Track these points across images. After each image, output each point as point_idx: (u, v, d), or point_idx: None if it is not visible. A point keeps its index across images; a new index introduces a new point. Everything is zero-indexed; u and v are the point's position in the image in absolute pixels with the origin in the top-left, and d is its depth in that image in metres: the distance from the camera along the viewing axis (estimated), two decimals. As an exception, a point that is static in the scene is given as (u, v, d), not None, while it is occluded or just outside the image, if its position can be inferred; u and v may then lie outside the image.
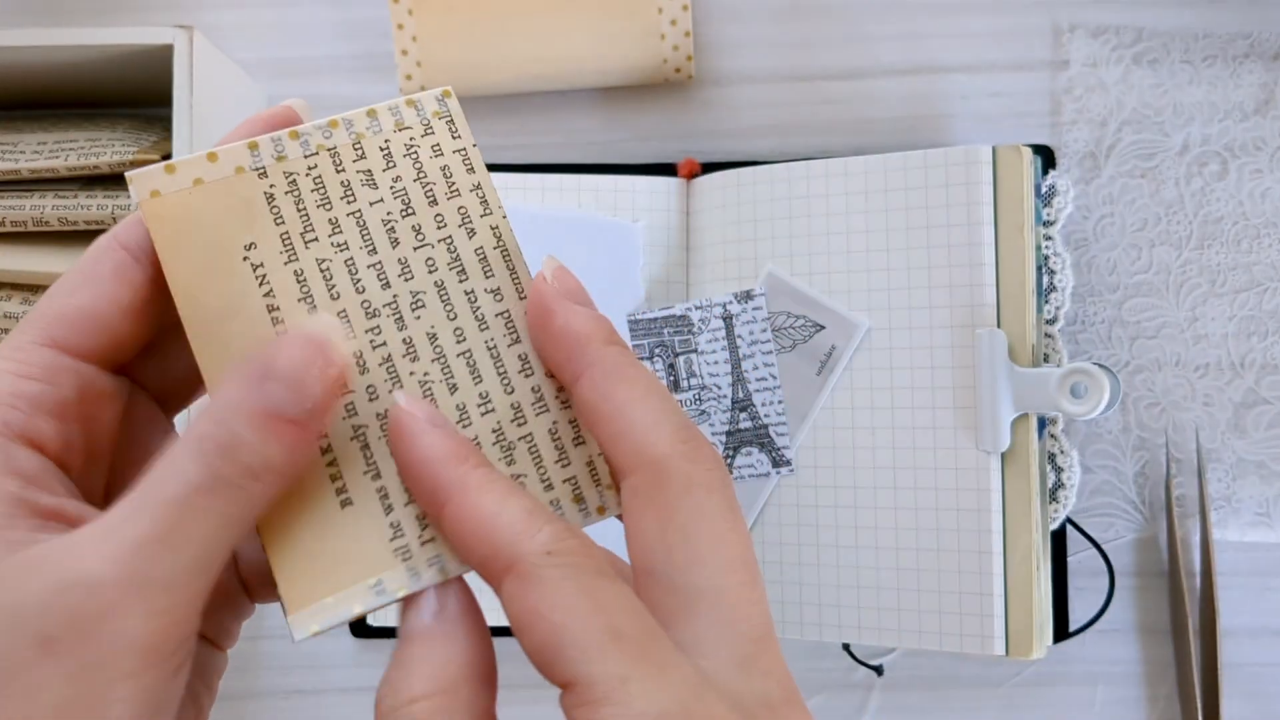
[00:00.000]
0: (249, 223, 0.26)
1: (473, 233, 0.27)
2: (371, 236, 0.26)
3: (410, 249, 0.27)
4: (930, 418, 0.49)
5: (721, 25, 0.58)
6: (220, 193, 0.26)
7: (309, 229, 0.26)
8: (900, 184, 0.50)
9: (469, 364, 0.27)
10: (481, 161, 0.27)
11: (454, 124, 0.27)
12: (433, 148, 0.27)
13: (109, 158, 0.50)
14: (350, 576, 0.25)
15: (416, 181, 0.27)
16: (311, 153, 0.26)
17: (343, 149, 0.26)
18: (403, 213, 0.26)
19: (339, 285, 0.26)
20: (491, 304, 0.27)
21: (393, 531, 0.25)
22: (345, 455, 0.26)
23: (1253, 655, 0.55)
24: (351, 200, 0.26)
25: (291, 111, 0.28)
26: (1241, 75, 0.56)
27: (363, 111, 0.26)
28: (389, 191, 0.26)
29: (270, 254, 0.26)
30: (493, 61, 0.55)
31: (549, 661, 0.23)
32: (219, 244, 0.26)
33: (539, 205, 0.54)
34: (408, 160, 0.27)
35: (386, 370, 0.26)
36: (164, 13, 0.58)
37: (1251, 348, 0.55)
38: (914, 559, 0.49)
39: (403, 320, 0.26)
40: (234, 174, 0.26)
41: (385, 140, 0.26)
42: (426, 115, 0.26)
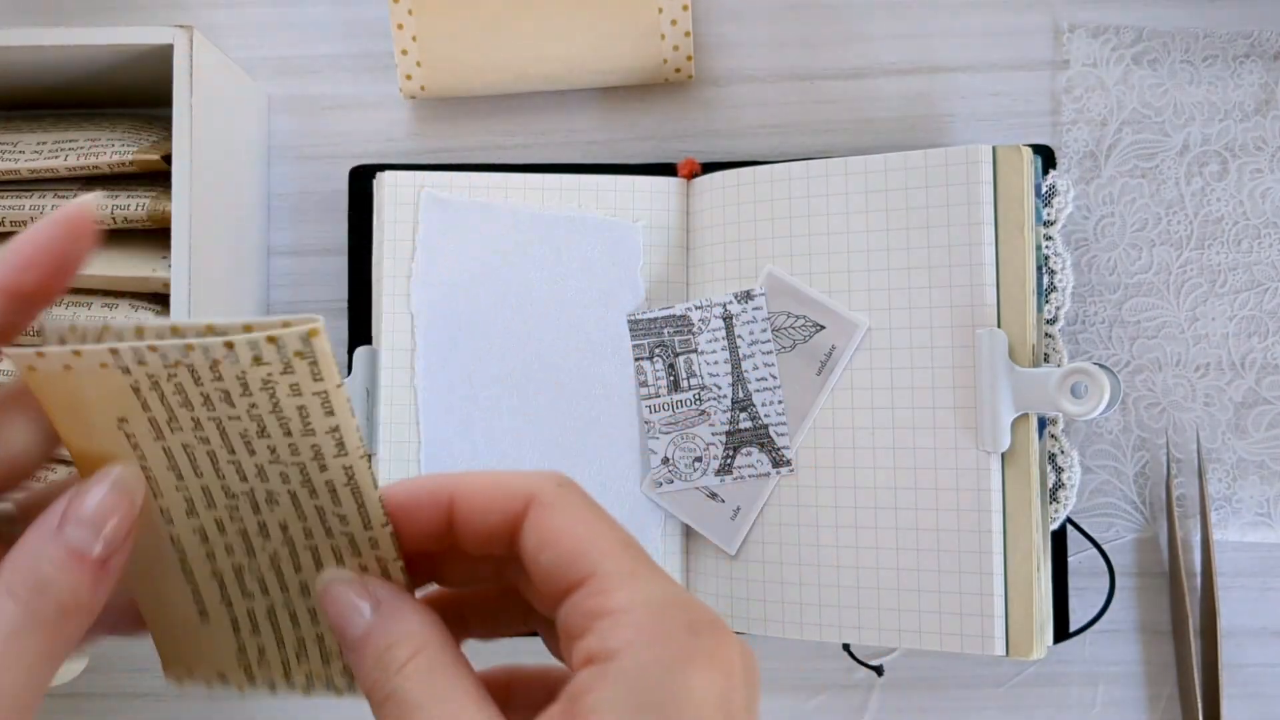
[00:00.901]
0: (119, 402, 0.27)
1: (324, 468, 0.27)
2: (230, 442, 0.27)
3: (266, 461, 0.27)
4: (930, 418, 0.49)
5: (721, 25, 0.58)
6: (90, 377, 0.26)
7: (174, 420, 0.27)
8: (900, 184, 0.50)
9: (314, 556, 0.28)
10: (345, 403, 0.26)
11: (316, 366, 0.25)
12: (291, 386, 0.26)
13: (109, 158, 0.50)
14: (207, 665, 0.30)
15: (272, 414, 0.26)
16: (170, 365, 0.26)
17: (200, 368, 0.26)
18: (258, 433, 0.26)
19: (202, 466, 0.27)
20: (338, 524, 0.28)
21: (240, 652, 0.30)
22: (205, 588, 0.29)
23: (1253, 656, 0.55)
24: (211, 409, 0.26)
25: (84, 217, 0.28)
26: (1242, 75, 0.56)
27: (220, 341, 0.25)
28: (245, 413, 0.26)
29: (140, 430, 0.27)
30: (493, 61, 0.55)
31: (570, 564, 0.27)
32: (97, 412, 0.27)
33: (539, 205, 0.54)
34: (264, 393, 0.26)
35: (242, 538, 0.29)
36: (164, 13, 0.58)
37: (1252, 348, 0.55)
38: (914, 559, 0.49)
39: (258, 507, 0.28)
40: (99, 368, 0.26)
41: (242, 371, 0.25)
42: (288, 354, 0.25)
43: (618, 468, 0.53)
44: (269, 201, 0.58)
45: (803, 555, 0.51)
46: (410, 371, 0.53)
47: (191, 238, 0.47)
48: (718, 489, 0.51)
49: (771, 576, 0.51)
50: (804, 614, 0.51)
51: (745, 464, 0.49)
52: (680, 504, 0.53)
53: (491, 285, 0.54)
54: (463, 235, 0.54)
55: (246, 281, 0.55)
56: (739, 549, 0.52)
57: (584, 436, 0.53)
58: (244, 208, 0.55)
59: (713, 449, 0.49)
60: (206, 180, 0.49)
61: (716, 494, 0.51)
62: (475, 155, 0.58)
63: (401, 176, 0.54)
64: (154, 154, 0.50)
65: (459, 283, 0.54)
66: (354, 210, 0.56)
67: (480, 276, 0.54)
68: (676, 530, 0.54)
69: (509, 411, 0.53)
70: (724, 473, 0.47)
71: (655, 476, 0.47)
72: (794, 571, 0.51)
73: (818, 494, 0.51)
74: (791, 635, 0.51)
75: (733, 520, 0.50)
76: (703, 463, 0.50)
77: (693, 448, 0.48)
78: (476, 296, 0.54)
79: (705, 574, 0.53)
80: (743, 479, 0.47)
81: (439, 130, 0.58)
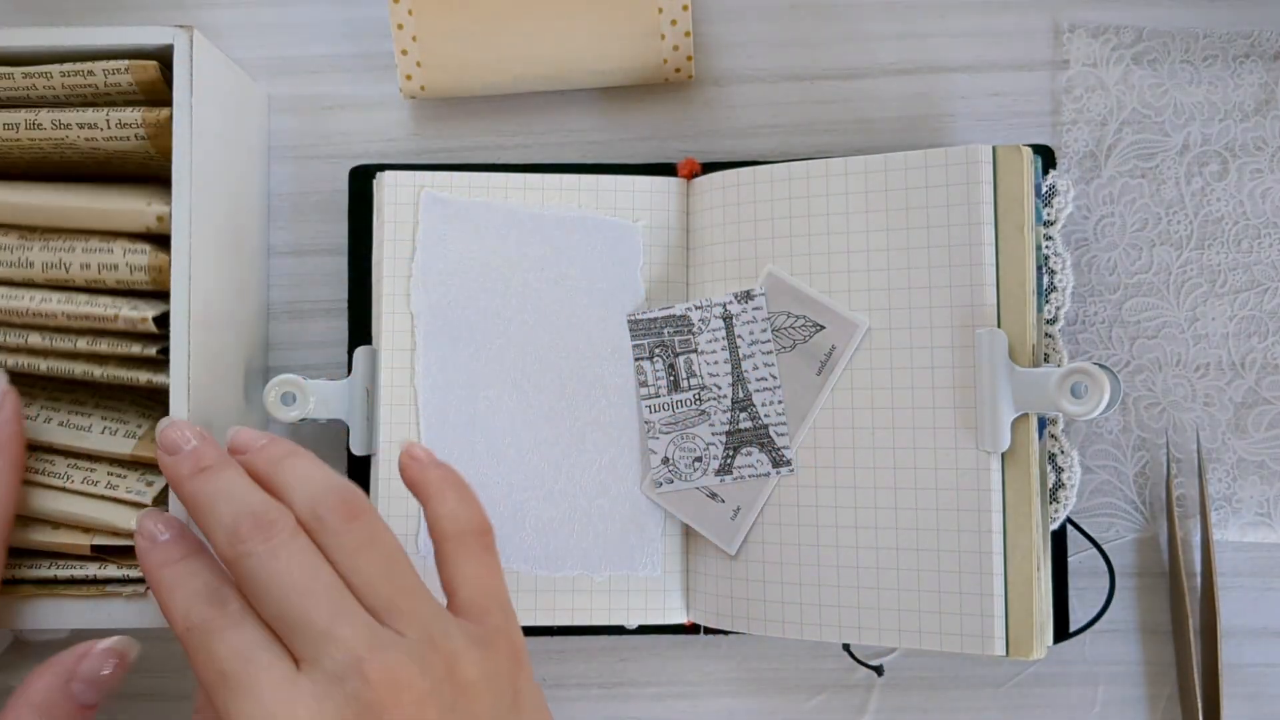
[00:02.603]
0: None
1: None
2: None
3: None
4: (930, 418, 0.49)
5: (721, 25, 0.58)
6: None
7: None
8: (900, 184, 0.50)
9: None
10: None
11: None
12: None
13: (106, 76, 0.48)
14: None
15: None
16: None
17: None
18: None
19: None
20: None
21: None
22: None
23: (1254, 656, 0.55)
24: None
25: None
26: (1242, 75, 0.56)
27: None
28: None
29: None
30: (493, 61, 0.55)
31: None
32: None
33: (539, 205, 0.54)
34: None
35: None
36: (164, 13, 0.58)
37: (1252, 348, 0.55)
38: (914, 559, 0.49)
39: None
40: None
41: None
42: None
43: (618, 468, 0.53)
44: (269, 201, 0.58)
45: (803, 555, 0.51)
46: (410, 371, 0.53)
47: (191, 238, 0.47)
48: (718, 489, 0.51)
49: (771, 576, 0.51)
50: (804, 614, 0.51)
51: (745, 464, 0.49)
52: (680, 504, 0.53)
53: (491, 285, 0.54)
54: (463, 235, 0.54)
55: (247, 281, 0.55)
56: (739, 549, 0.52)
57: (584, 436, 0.53)
58: (244, 208, 0.55)
59: (713, 449, 0.49)
60: (206, 180, 0.49)
61: (716, 494, 0.51)
62: (475, 155, 0.58)
63: (401, 176, 0.54)
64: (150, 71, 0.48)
65: (459, 283, 0.54)
66: (354, 210, 0.56)
67: (480, 276, 0.54)
68: (676, 530, 0.54)
69: (509, 411, 0.53)
70: (724, 472, 0.47)
71: (655, 476, 0.47)
72: (794, 571, 0.51)
73: (818, 494, 0.51)
74: (791, 635, 0.51)
75: (733, 520, 0.50)
76: (703, 463, 0.50)
77: (693, 448, 0.48)
78: (476, 296, 0.54)
79: (705, 574, 0.53)
80: (743, 479, 0.47)
81: (439, 130, 0.58)
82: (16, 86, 0.48)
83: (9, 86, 0.48)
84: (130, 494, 0.48)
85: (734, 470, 0.47)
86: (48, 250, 0.48)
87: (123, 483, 0.49)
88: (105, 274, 0.48)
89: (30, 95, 0.49)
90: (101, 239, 0.48)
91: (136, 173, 0.52)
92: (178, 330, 0.47)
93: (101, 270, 0.48)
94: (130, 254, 0.48)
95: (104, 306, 0.48)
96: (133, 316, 0.47)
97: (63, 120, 0.48)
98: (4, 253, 0.49)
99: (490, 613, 0.42)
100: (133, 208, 0.48)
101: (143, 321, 0.47)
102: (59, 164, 0.52)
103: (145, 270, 0.48)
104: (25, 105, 0.49)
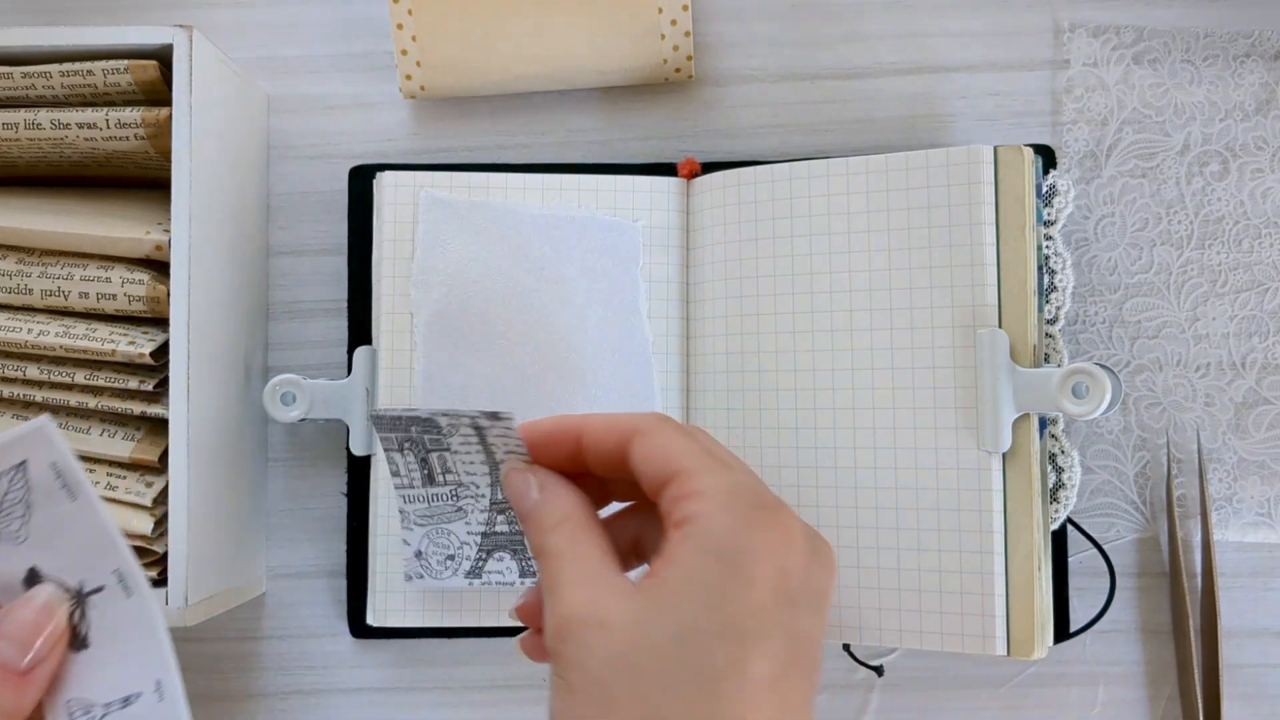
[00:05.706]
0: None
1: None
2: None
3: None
4: (931, 418, 0.49)
5: (721, 25, 0.58)
6: None
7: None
8: (900, 184, 0.50)
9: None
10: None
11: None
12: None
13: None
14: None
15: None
16: None
17: None
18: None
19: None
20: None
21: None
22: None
23: (1254, 656, 0.55)
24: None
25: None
26: (1242, 75, 0.56)
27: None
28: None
29: None
30: (493, 61, 0.55)
31: (663, 468, 0.35)
32: None
33: (539, 205, 0.54)
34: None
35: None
36: (164, 13, 0.58)
37: (1252, 348, 0.55)
38: (914, 559, 0.49)
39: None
40: None
41: None
42: None
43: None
44: (269, 201, 0.58)
45: (803, 555, 0.51)
46: (410, 371, 0.53)
47: (191, 238, 0.47)
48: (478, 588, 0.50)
49: (772, 577, 0.51)
50: (804, 614, 0.51)
51: (495, 570, 0.45)
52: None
53: (491, 285, 0.54)
54: (462, 235, 0.54)
55: (247, 282, 0.55)
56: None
57: (584, 437, 0.53)
58: (244, 208, 0.55)
59: (466, 549, 0.44)
60: (206, 181, 0.49)
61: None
62: (475, 155, 0.58)
63: (401, 176, 0.54)
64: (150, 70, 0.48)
65: (459, 283, 0.53)
66: (354, 210, 0.56)
67: (480, 276, 0.54)
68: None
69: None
70: (474, 575, 0.44)
71: (407, 570, 0.45)
72: (794, 572, 0.51)
73: (818, 494, 0.51)
74: (792, 635, 0.51)
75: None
76: (455, 561, 0.46)
77: (447, 544, 0.43)
78: (476, 296, 0.53)
79: (705, 574, 0.53)
80: (490, 585, 0.45)
81: (439, 130, 0.58)
82: (16, 86, 0.48)
83: (8, 86, 0.48)
84: (129, 496, 0.48)
85: (483, 575, 0.44)
86: (46, 278, 0.48)
87: (121, 484, 0.49)
88: (104, 303, 0.48)
89: (30, 95, 0.49)
90: (100, 265, 0.48)
91: (136, 173, 0.52)
92: (177, 367, 0.47)
93: (100, 299, 0.48)
94: (129, 284, 0.48)
95: (101, 341, 0.47)
96: (130, 352, 0.47)
97: (62, 120, 0.48)
98: (3, 279, 0.49)
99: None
100: (131, 236, 0.48)
101: (140, 357, 0.47)
102: (58, 164, 0.52)
103: (144, 301, 0.48)
104: (25, 105, 0.49)
